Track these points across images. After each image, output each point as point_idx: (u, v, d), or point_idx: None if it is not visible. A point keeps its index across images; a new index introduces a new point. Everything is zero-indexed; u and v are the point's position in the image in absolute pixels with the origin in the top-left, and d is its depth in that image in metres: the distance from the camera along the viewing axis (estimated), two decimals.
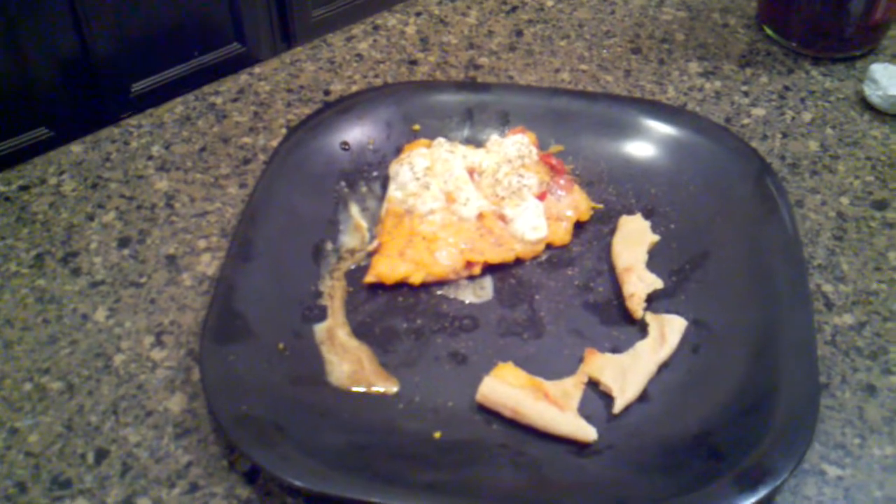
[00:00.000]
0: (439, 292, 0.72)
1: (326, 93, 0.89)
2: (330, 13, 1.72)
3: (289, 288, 0.70)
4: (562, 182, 0.76)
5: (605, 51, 0.94)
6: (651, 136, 0.80)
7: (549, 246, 0.75)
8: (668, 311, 0.69)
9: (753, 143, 0.83)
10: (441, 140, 0.79)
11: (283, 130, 0.84)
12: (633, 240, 0.74)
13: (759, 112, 0.87)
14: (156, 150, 0.83)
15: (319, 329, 0.69)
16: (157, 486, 0.61)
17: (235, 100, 0.88)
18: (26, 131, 1.44)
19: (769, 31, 0.95)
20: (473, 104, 0.82)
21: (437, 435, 0.63)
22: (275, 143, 0.82)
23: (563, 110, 0.81)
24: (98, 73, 1.49)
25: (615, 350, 0.68)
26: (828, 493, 0.61)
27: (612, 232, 0.75)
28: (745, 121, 0.86)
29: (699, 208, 0.76)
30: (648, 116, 0.80)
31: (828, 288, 0.73)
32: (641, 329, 0.69)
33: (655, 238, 0.74)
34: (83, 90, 1.49)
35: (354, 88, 0.89)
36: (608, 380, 0.65)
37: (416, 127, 0.81)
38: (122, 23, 1.47)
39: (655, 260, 0.73)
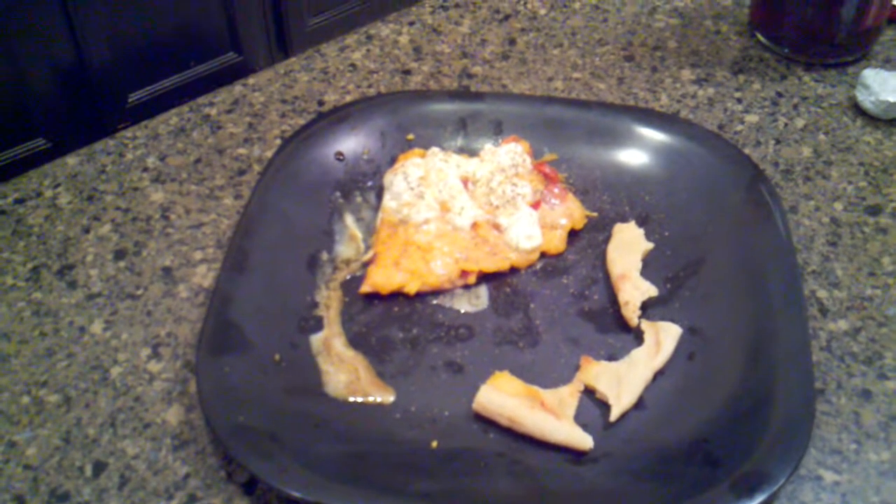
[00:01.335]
0: (435, 301, 0.72)
1: (320, 103, 0.89)
2: (326, 22, 1.72)
3: (284, 299, 0.70)
4: (556, 191, 0.77)
5: (597, 59, 0.94)
6: (644, 143, 0.80)
7: (543, 254, 0.75)
8: (663, 319, 0.70)
9: (747, 150, 0.84)
10: (435, 149, 0.79)
11: (278, 141, 0.85)
12: (628, 247, 0.74)
13: (752, 119, 0.87)
14: (151, 161, 0.83)
15: (315, 339, 0.69)
16: (155, 497, 0.61)
17: (230, 111, 0.88)
18: (23, 142, 1.44)
19: (761, 38, 0.95)
20: (467, 113, 0.82)
21: (434, 444, 0.63)
22: (269, 154, 0.82)
23: (557, 119, 0.82)
24: (94, 83, 1.49)
25: (611, 358, 0.68)
26: (825, 499, 0.61)
27: (607, 240, 0.75)
28: (738, 127, 0.87)
29: (693, 215, 0.76)
30: (642, 124, 0.81)
31: (822, 294, 0.73)
32: (637, 337, 0.69)
33: (650, 245, 0.74)
34: (80, 101, 1.49)
35: (348, 98, 0.89)
36: (604, 387, 0.65)
37: (410, 137, 0.81)
38: (118, 33, 1.47)
39: (650, 267, 0.73)
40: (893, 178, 0.82)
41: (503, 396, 0.64)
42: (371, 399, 0.66)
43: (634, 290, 0.70)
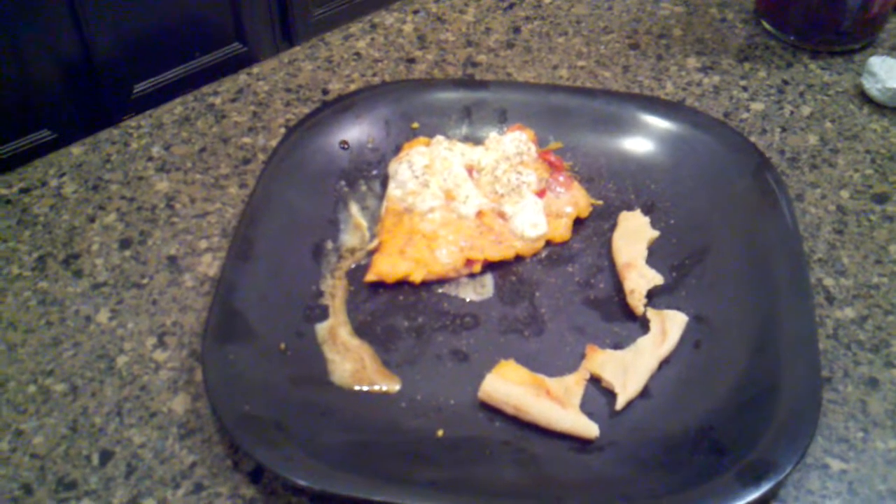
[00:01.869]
0: (440, 290, 0.72)
1: (325, 92, 0.89)
2: (331, 12, 1.72)
3: (290, 287, 0.70)
4: (561, 179, 0.76)
5: (602, 47, 0.94)
6: (650, 131, 0.80)
7: (549, 243, 0.75)
8: (669, 307, 0.69)
9: (752, 138, 0.83)
10: (440, 138, 0.79)
11: (282, 130, 0.85)
12: (633, 236, 0.74)
13: (757, 106, 0.87)
14: (156, 151, 0.83)
15: (321, 328, 0.69)
16: (161, 486, 0.61)
17: (234, 100, 0.88)
18: (28, 134, 1.44)
19: (767, 26, 0.95)
20: (472, 102, 0.82)
21: (440, 433, 0.63)
22: (274, 143, 0.82)
23: (562, 107, 0.81)
24: (99, 74, 1.49)
25: (616, 346, 0.68)
26: (831, 487, 0.61)
27: (612, 228, 0.75)
28: (744, 115, 0.86)
29: (699, 203, 0.76)
30: (647, 112, 0.80)
31: (829, 282, 0.73)
32: (642, 325, 0.69)
33: (655, 234, 0.74)
34: (85, 92, 1.49)
35: (353, 87, 0.89)
36: (610, 376, 0.65)
37: (415, 125, 0.81)
38: (122, 24, 1.47)
39: (656, 256, 0.73)
40: None
41: (509, 385, 0.64)
42: (377, 388, 0.66)
43: (640, 279, 0.70)
